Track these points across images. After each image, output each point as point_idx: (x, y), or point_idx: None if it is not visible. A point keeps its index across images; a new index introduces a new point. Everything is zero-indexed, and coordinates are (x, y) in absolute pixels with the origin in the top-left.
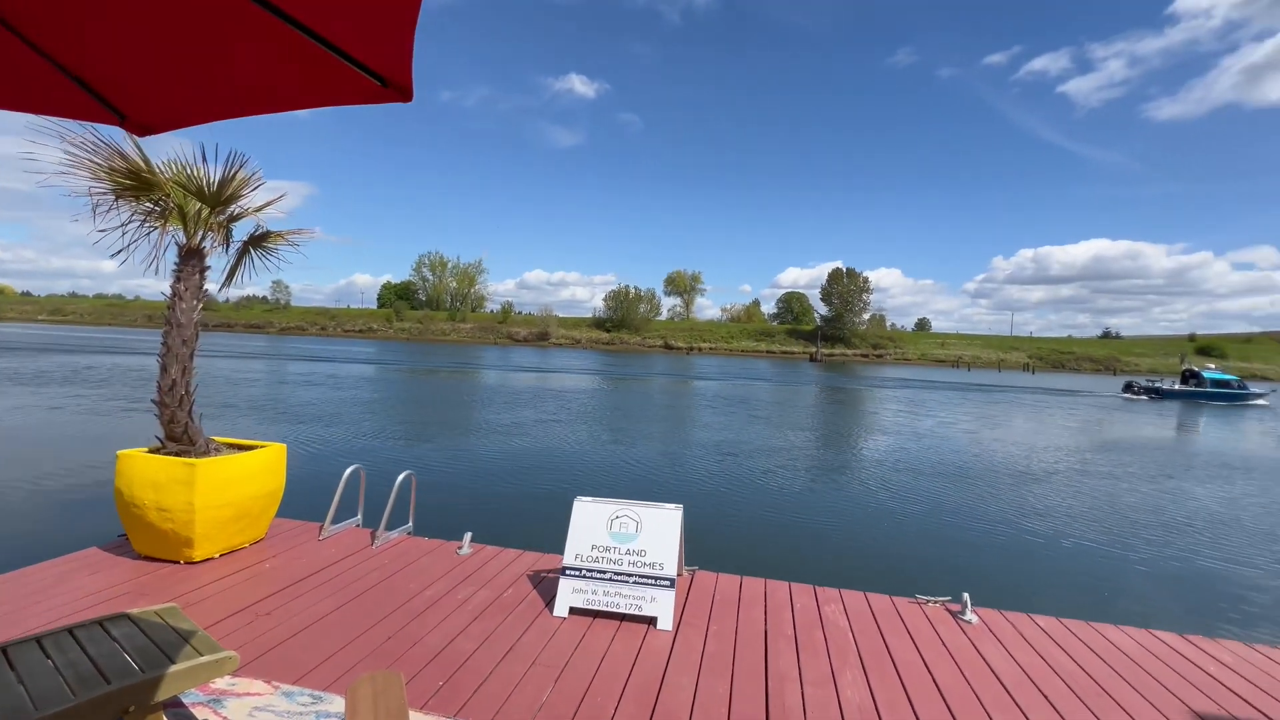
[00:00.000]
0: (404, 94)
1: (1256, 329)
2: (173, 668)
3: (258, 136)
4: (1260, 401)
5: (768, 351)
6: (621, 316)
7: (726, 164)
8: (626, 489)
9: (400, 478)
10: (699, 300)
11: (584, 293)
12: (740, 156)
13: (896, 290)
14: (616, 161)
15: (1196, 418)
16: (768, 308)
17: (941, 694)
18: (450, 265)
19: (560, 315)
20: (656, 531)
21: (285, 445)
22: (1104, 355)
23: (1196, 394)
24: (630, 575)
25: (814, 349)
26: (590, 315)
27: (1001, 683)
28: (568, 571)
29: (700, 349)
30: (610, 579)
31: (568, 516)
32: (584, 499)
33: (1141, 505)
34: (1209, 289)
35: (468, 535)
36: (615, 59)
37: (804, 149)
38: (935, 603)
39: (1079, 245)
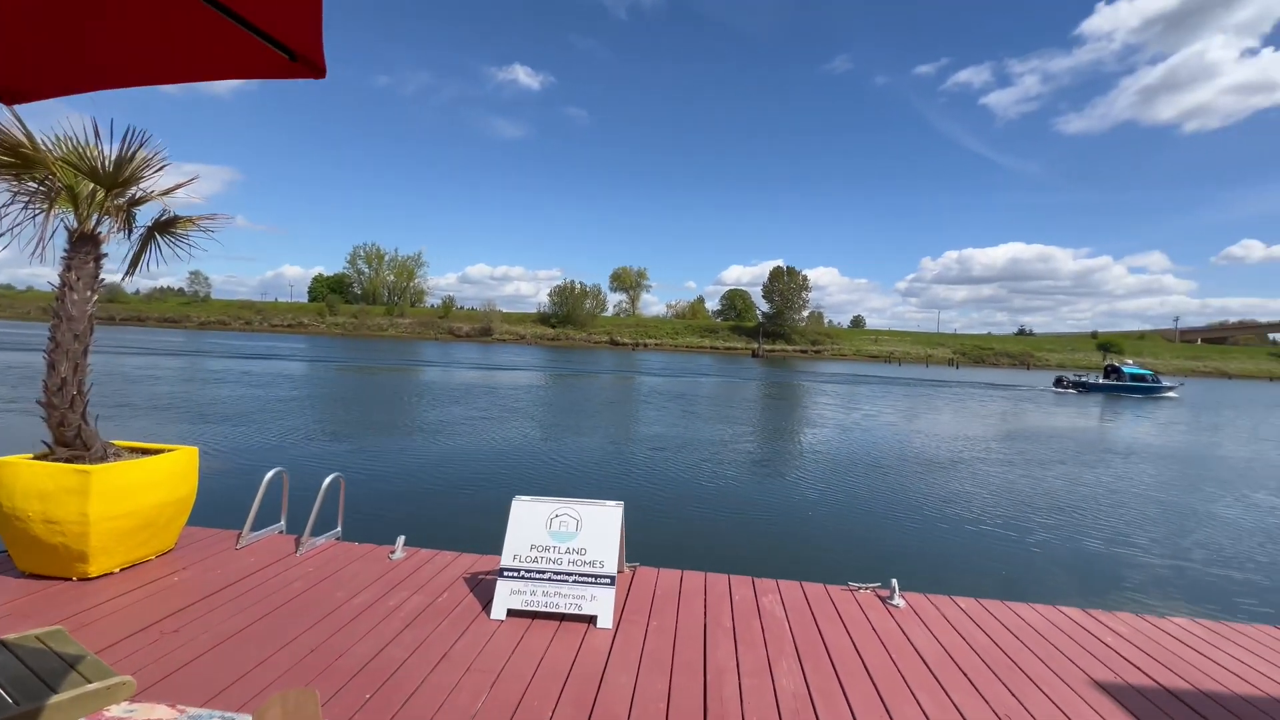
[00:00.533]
0: (315, 70)
1: (1149, 327)
2: (54, 698)
3: (172, 116)
4: (1171, 394)
5: (712, 347)
6: (567, 312)
7: (673, 162)
8: (567, 487)
9: (327, 480)
10: (645, 296)
11: (529, 288)
12: (686, 155)
13: (834, 289)
14: (563, 156)
15: (1116, 409)
16: (712, 304)
17: (871, 677)
18: (388, 258)
19: (504, 310)
20: (597, 529)
21: (197, 449)
22: (1019, 351)
23: (1118, 387)
24: (570, 574)
25: (756, 345)
26: (535, 311)
27: (926, 663)
28: (505, 573)
29: (646, 345)
30: (550, 579)
31: (506, 517)
32: (523, 498)
33: (1053, 490)
34: (1109, 290)
35: (401, 539)
36: (561, 51)
37: (748, 149)
38: (866, 589)
39: (998, 248)
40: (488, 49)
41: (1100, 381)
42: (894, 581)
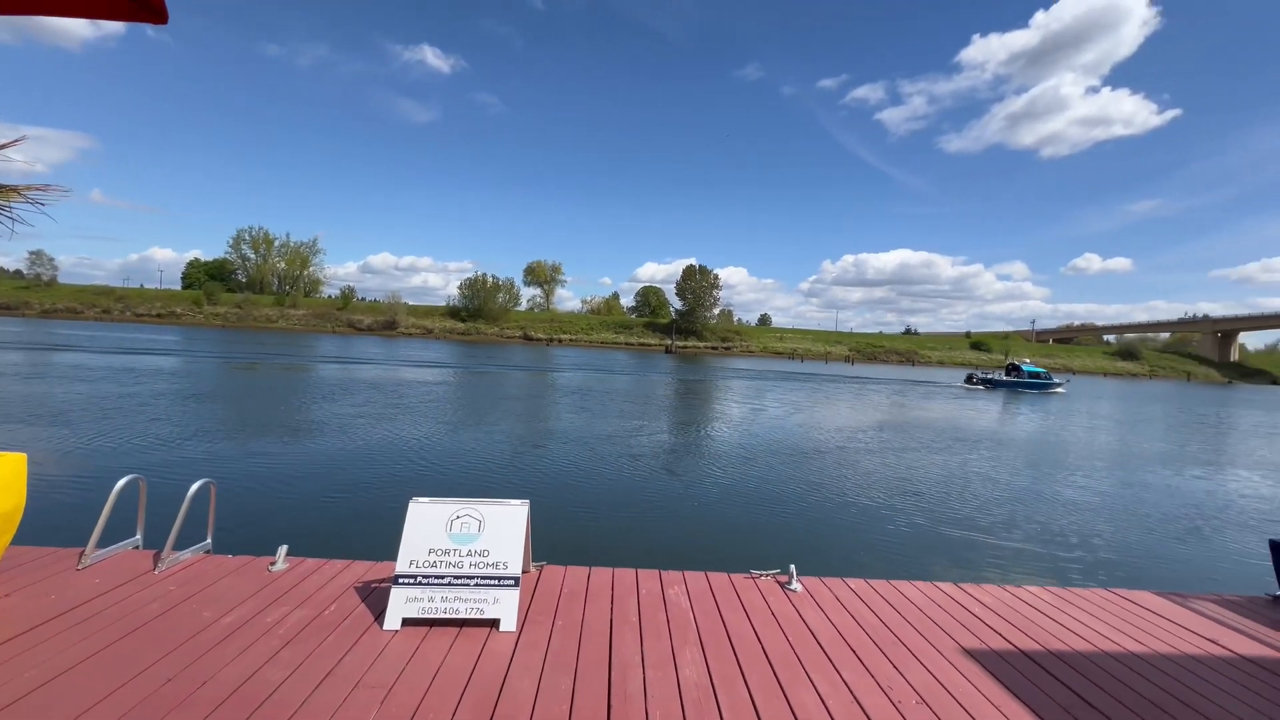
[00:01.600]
0: (156, 14)
1: (1011, 328)
2: None
3: (4, 69)
4: (1060, 389)
5: (626, 343)
6: (479, 306)
7: (589, 158)
8: (471, 487)
9: (195, 487)
10: (560, 291)
11: (437, 279)
12: (602, 152)
13: (743, 288)
14: (475, 144)
15: (1016, 402)
16: (627, 300)
17: (769, 661)
18: (278, 243)
19: (410, 303)
20: (500, 529)
21: (25, 455)
22: (906, 349)
23: (1018, 384)
24: (472, 577)
25: (669, 341)
26: (445, 304)
27: (820, 643)
28: (401, 580)
29: (560, 340)
30: (450, 584)
31: (403, 521)
32: (421, 500)
33: (938, 476)
34: (980, 294)
35: (283, 549)
36: (473, 35)
37: (663, 148)
38: (767, 576)
39: (889, 254)
40: (394, 25)
41: (1004, 378)
42: (792, 567)
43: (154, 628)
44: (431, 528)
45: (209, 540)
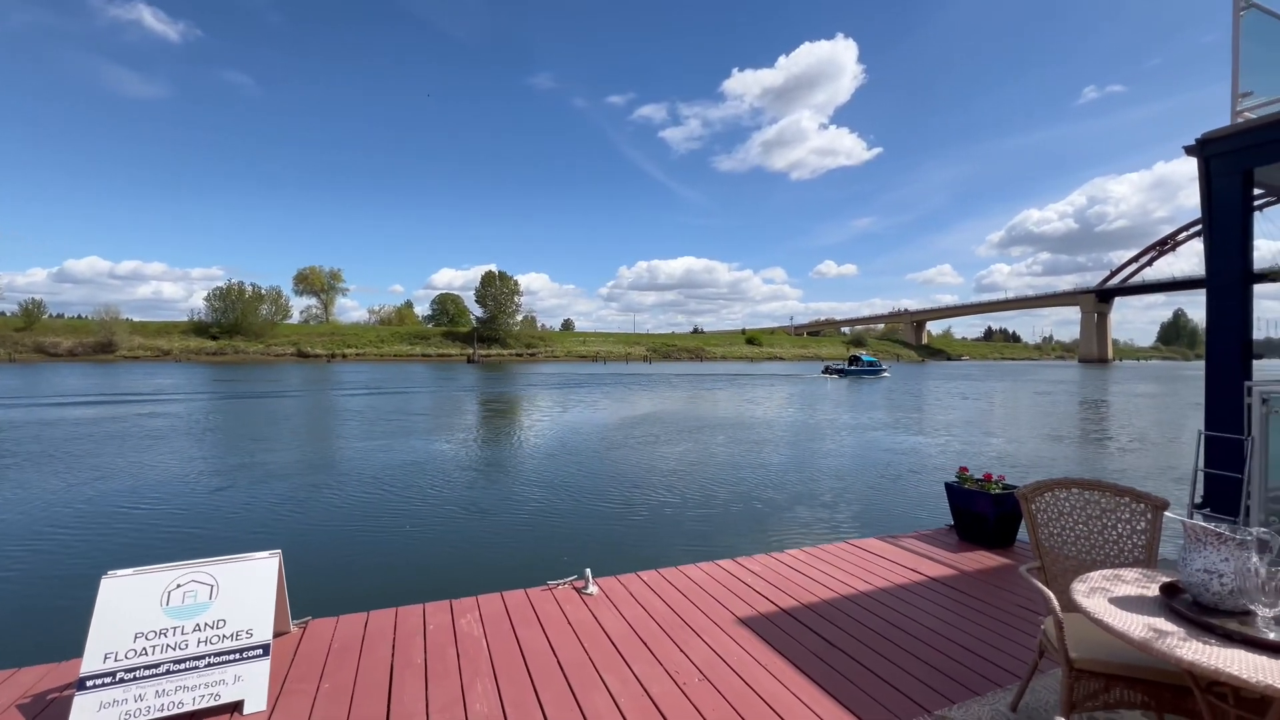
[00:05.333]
0: None
1: (776, 325)
2: None
3: None
4: (885, 374)
5: (424, 355)
6: (235, 320)
7: (371, 156)
8: (204, 546)
9: None
10: (341, 301)
11: (176, 290)
12: (386, 151)
13: (545, 293)
14: (221, 130)
15: (857, 385)
16: (422, 309)
17: (564, 672)
18: None
19: (135, 319)
20: (241, 591)
21: None
22: (694, 346)
23: (859, 371)
24: (202, 657)
25: (471, 350)
26: (188, 319)
27: (614, 643)
28: (89, 683)
29: (345, 356)
30: (168, 673)
31: (92, 604)
32: (119, 574)
33: (726, 460)
34: (752, 296)
35: None
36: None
37: (455, 151)
38: (563, 584)
39: (677, 260)
40: None
41: (850, 368)
42: (588, 571)
43: None
44: (138, 605)
45: None
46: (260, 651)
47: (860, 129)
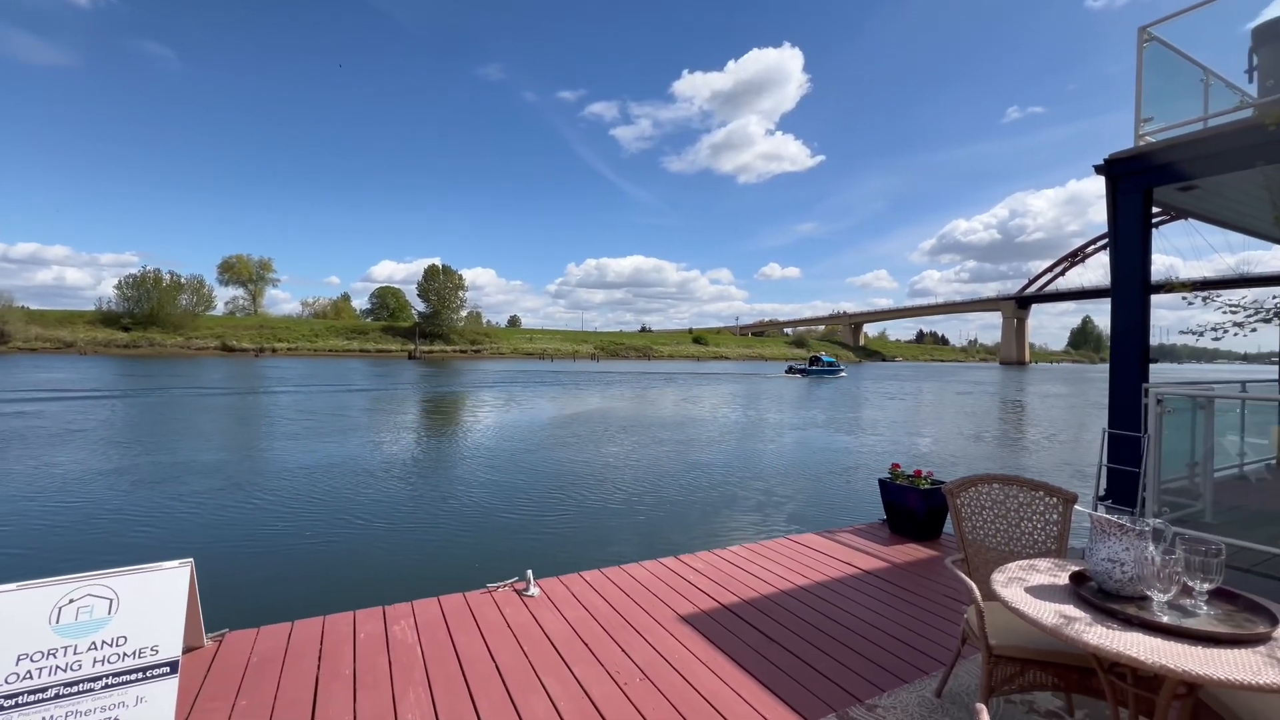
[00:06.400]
0: None
1: (722, 324)
2: None
3: None
4: (842, 374)
5: (362, 351)
6: (151, 310)
7: (308, 141)
8: (104, 556)
9: None
10: (271, 292)
11: (82, 276)
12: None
13: (491, 289)
14: (137, 103)
15: (817, 384)
16: (360, 303)
17: (502, 676)
18: None
19: (32, 307)
20: (145, 605)
21: None
22: (642, 345)
23: (819, 370)
24: (100, 678)
25: (413, 346)
26: (95, 308)
27: (553, 644)
28: None
29: (275, 350)
30: (58, 697)
31: None
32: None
33: (672, 458)
34: (699, 296)
35: None
36: None
37: (398, 140)
38: (503, 587)
39: (626, 259)
40: None
41: (811, 368)
42: (529, 572)
43: None
44: (22, 624)
45: None
46: (167, 669)
47: (805, 136)
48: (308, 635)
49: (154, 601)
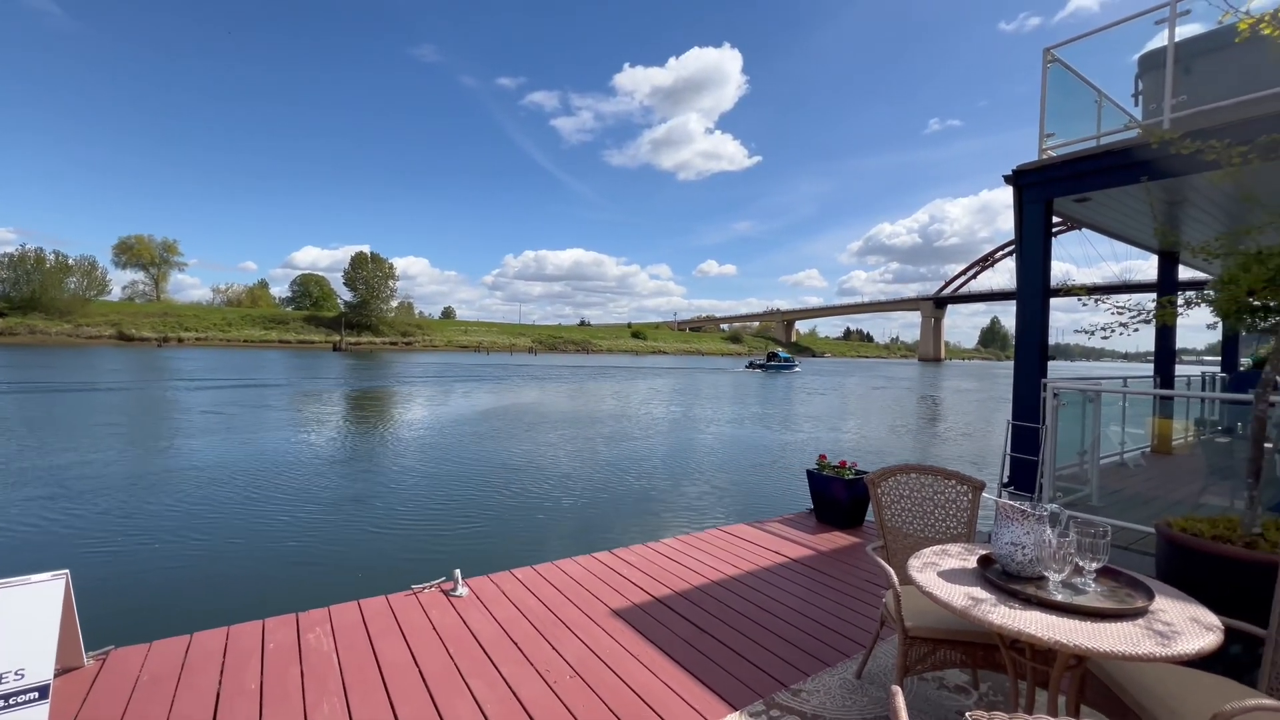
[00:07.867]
0: None
1: (661, 320)
2: None
3: None
4: (796, 369)
5: (281, 341)
6: (31, 294)
7: (216, 116)
8: None
9: None
10: (177, 277)
11: None
12: (235, 112)
13: (424, 279)
14: (23, 65)
15: (772, 378)
16: (280, 290)
17: (425, 682)
18: None
19: None
20: (10, 623)
21: None
22: (581, 339)
23: (776, 366)
24: None
25: (338, 338)
26: None
27: (481, 645)
28: None
29: (181, 340)
30: None
31: None
32: None
33: (610, 453)
34: (639, 291)
35: None
36: None
37: (322, 120)
38: (430, 588)
39: (566, 251)
40: None
41: (769, 363)
42: (457, 572)
43: None
44: None
45: None
46: (35, 695)
47: (742, 136)
48: (208, 648)
49: (20, 619)
